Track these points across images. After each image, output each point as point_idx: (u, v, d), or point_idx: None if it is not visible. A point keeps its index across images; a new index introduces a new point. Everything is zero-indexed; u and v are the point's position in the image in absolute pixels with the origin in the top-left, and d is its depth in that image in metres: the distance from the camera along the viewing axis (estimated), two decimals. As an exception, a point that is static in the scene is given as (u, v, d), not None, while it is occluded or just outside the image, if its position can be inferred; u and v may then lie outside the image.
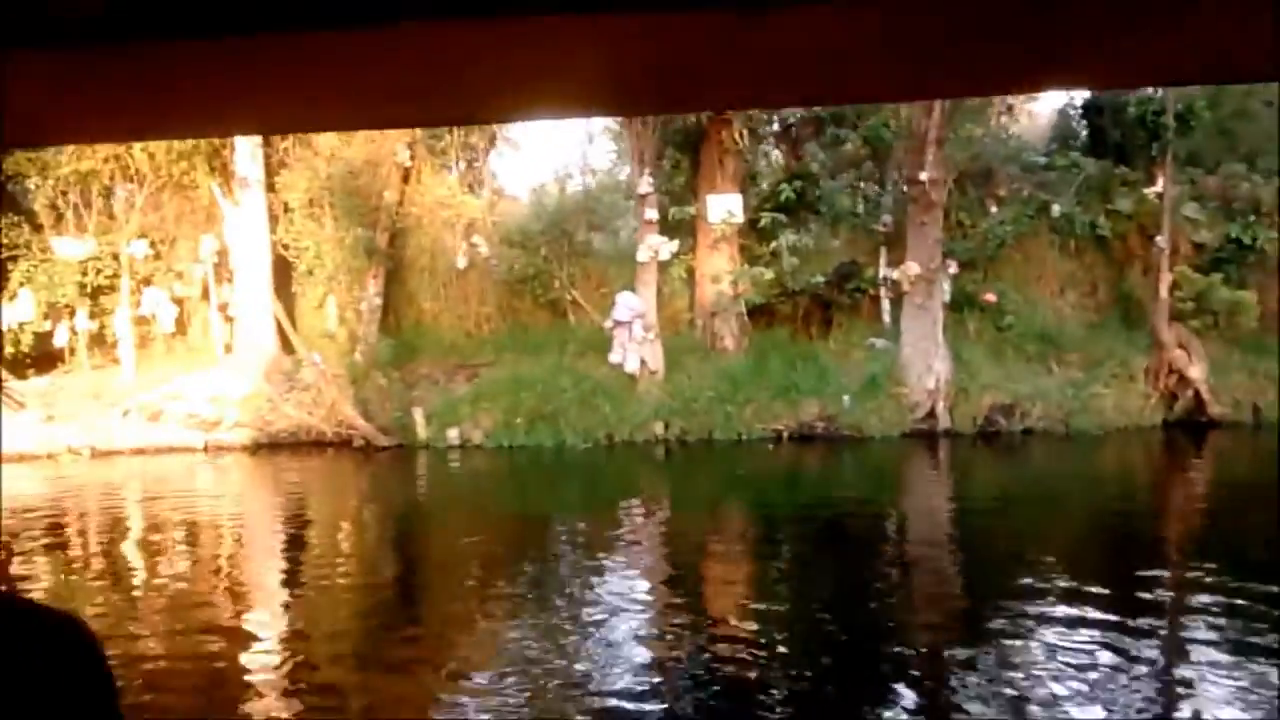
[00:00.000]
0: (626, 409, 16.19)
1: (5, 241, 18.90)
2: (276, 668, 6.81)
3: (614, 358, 16.51)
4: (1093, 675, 6.12)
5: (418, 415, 16.35)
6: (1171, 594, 8.08)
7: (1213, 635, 6.86)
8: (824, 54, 1.07)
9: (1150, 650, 6.70)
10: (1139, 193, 17.63)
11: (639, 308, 16.19)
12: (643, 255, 16.42)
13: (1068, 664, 6.28)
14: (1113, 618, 7.12)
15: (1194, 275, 16.07)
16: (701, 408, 16.09)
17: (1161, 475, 14.62)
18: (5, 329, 19.13)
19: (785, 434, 15.81)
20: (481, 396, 16.76)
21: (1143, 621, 7.15)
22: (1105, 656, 6.39)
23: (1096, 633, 6.81)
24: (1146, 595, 7.91)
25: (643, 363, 16.31)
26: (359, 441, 16.37)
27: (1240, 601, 7.39)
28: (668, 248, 16.58)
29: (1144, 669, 6.28)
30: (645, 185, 16.35)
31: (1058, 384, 16.09)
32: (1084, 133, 20.21)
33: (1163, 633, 7.13)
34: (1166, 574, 8.79)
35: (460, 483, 14.99)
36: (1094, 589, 7.85)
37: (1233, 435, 15.65)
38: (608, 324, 16.64)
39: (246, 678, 6.58)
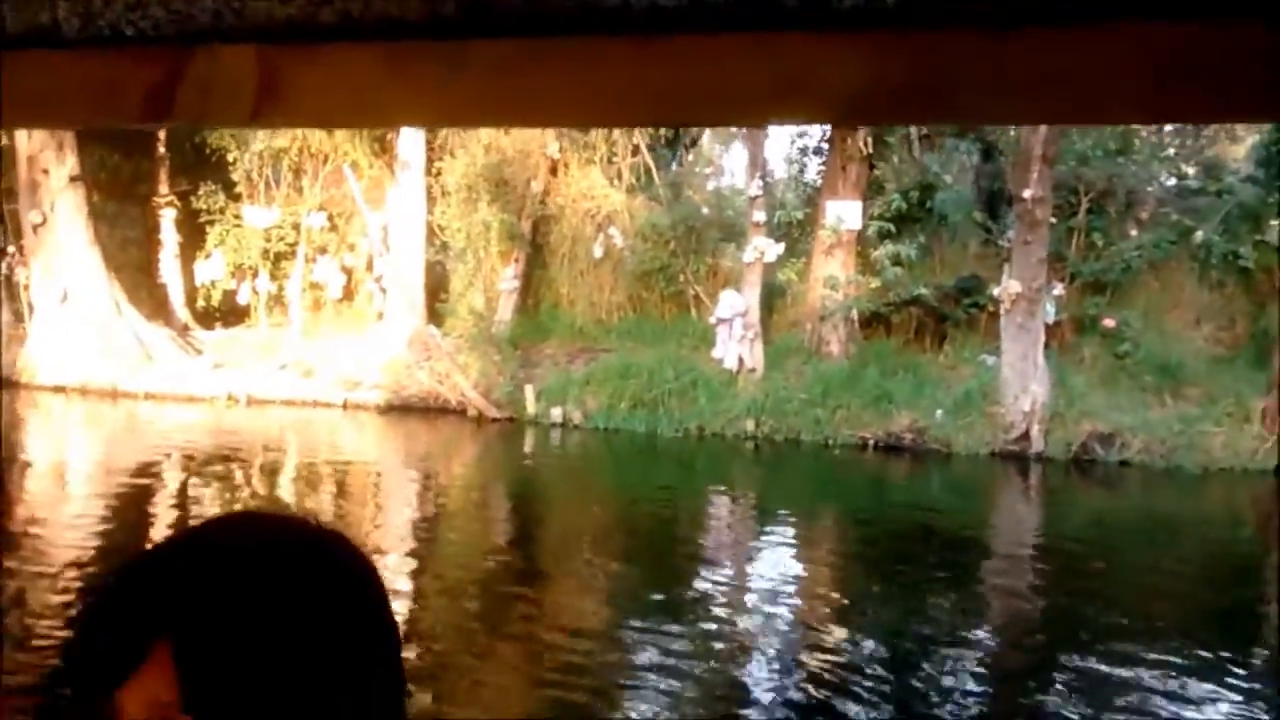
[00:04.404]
0: (721, 403, 16.70)
1: (204, 207, 21.34)
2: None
3: (716, 353, 17.07)
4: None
5: (528, 392, 17.44)
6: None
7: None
8: (1067, 74, 1.12)
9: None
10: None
11: (740, 306, 16.66)
12: (748, 256, 16.88)
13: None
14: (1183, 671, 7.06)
15: (1324, 315, 15.09)
16: (793, 409, 16.39)
17: (1258, 522, 13.88)
18: (198, 285, 21.62)
19: (872, 443, 15.91)
20: (592, 380, 17.67)
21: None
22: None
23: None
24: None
25: (741, 360, 16.77)
26: (473, 412, 17.64)
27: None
28: (774, 249, 16.95)
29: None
30: (755, 188, 16.79)
31: (1166, 417, 15.45)
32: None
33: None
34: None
35: (551, 457, 16.05)
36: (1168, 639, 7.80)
37: (1355, 488, 14.61)
38: (711, 320, 17.19)
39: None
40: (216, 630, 0.74)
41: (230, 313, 21.88)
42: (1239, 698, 6.64)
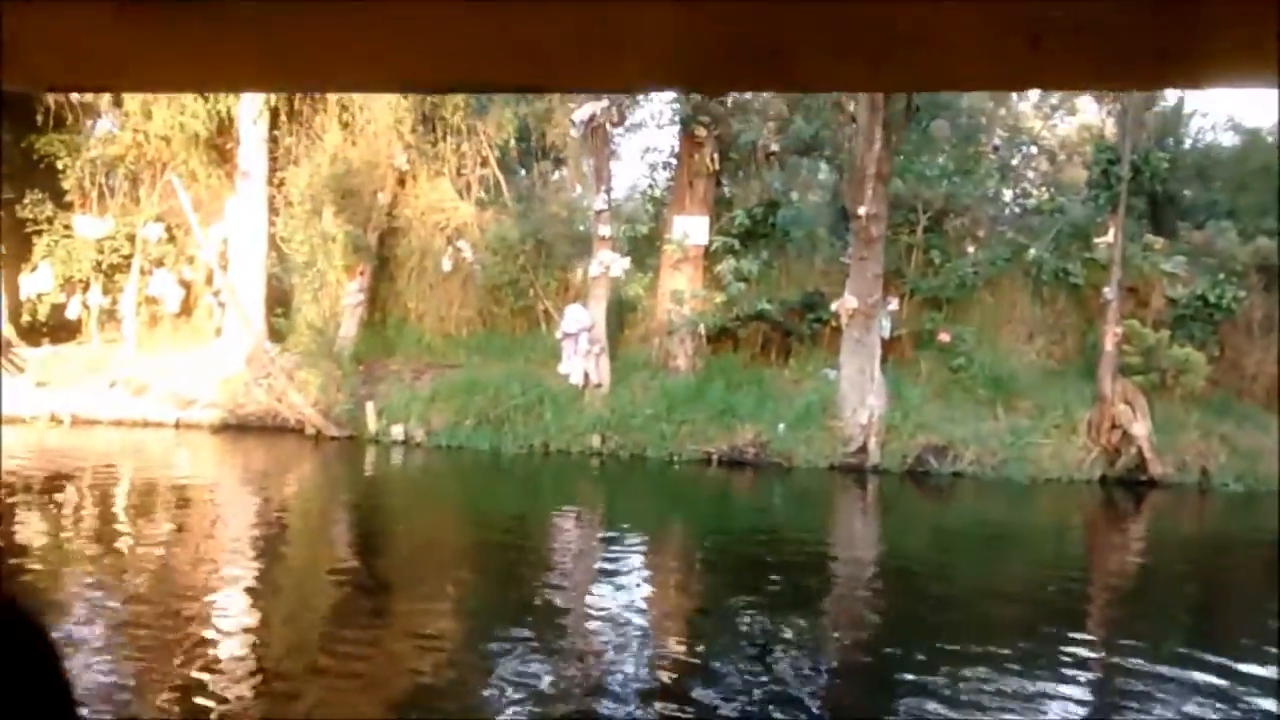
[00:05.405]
0: (567, 419, 16.53)
1: (30, 216, 20.25)
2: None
3: (562, 369, 16.88)
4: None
5: (369, 409, 16.98)
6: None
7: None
8: (927, 37, 1.01)
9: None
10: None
11: (586, 321, 16.53)
12: (594, 270, 16.78)
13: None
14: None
15: (1143, 330, 15.66)
16: (639, 424, 16.32)
17: (1081, 531, 14.32)
18: (24, 298, 20.49)
19: (716, 457, 15.92)
20: (437, 396, 17.32)
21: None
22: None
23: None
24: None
25: (587, 376, 16.63)
26: (311, 430, 17.09)
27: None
28: (620, 264, 16.88)
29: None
30: (601, 202, 16.72)
31: (998, 429, 15.85)
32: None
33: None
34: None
35: (387, 477, 15.57)
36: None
37: (1173, 496, 15.18)
38: (558, 335, 17.02)
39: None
40: None
41: (60, 328, 20.75)
42: (1071, 690, 6.85)
